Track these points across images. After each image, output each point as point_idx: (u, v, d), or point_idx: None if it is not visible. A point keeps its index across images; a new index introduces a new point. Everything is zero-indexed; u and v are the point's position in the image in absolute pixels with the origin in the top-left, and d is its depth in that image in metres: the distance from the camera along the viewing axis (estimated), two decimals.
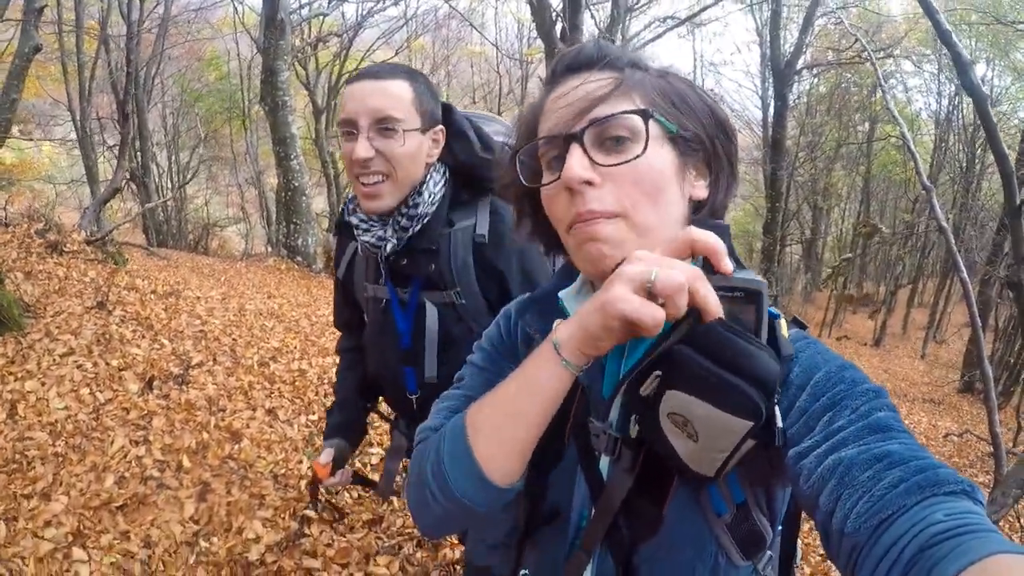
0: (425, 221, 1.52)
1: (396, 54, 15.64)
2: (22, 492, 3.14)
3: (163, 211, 14.64)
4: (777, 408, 0.71)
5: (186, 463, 3.64)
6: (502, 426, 0.83)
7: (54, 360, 4.39)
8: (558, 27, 7.80)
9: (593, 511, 0.88)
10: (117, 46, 10.54)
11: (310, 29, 13.34)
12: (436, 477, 0.85)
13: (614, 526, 0.86)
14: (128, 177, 10.22)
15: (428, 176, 1.54)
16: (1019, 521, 5.31)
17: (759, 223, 19.11)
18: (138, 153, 11.15)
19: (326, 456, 1.75)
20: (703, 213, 0.88)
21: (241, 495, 3.41)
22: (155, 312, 5.73)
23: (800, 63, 15.07)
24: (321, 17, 13.11)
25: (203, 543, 3.04)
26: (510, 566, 1.05)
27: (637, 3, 11.84)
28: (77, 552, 2.83)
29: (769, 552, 0.88)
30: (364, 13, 13.20)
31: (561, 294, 0.95)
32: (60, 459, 3.45)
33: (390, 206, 1.50)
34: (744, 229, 26.13)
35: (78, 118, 11.89)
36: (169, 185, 18.12)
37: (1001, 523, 4.16)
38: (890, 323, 20.55)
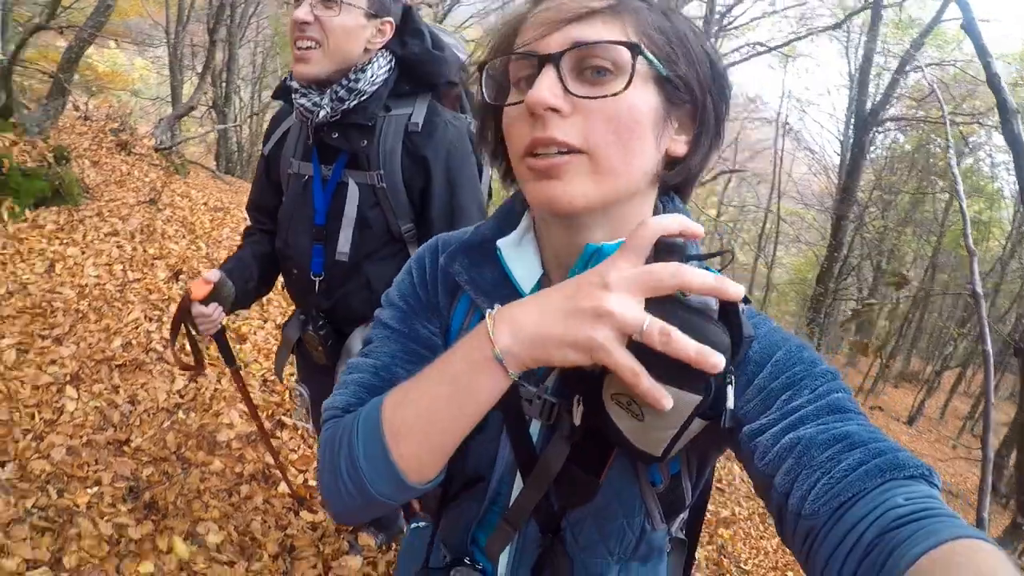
0: (363, 98, 1.58)
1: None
2: (39, 332, 3.52)
3: (236, 140, 15.27)
4: (731, 388, 0.66)
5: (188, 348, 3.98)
6: (427, 432, 0.73)
7: (98, 236, 4.81)
8: None
9: (524, 481, 0.83)
10: None
11: None
12: (351, 477, 0.76)
13: (543, 495, 0.82)
14: (211, 104, 10.75)
15: (373, 60, 1.60)
16: None
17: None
18: (223, 83, 11.65)
19: (212, 274, 1.73)
20: (675, 173, 0.79)
21: (229, 386, 3.73)
22: (200, 220, 6.14)
23: (886, 114, 14.75)
24: None
25: (181, 414, 3.36)
26: (426, 540, 1.02)
27: (730, 23, 11.83)
28: (70, 390, 3.17)
29: (683, 515, 0.90)
30: None
31: (500, 243, 0.86)
32: (79, 315, 3.83)
33: (316, 74, 1.56)
34: (803, 276, 25.62)
35: (172, 41, 12.41)
36: (248, 116, 18.80)
37: None
38: (928, 404, 19.93)
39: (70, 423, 2.97)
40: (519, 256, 0.85)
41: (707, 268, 0.72)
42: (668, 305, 0.63)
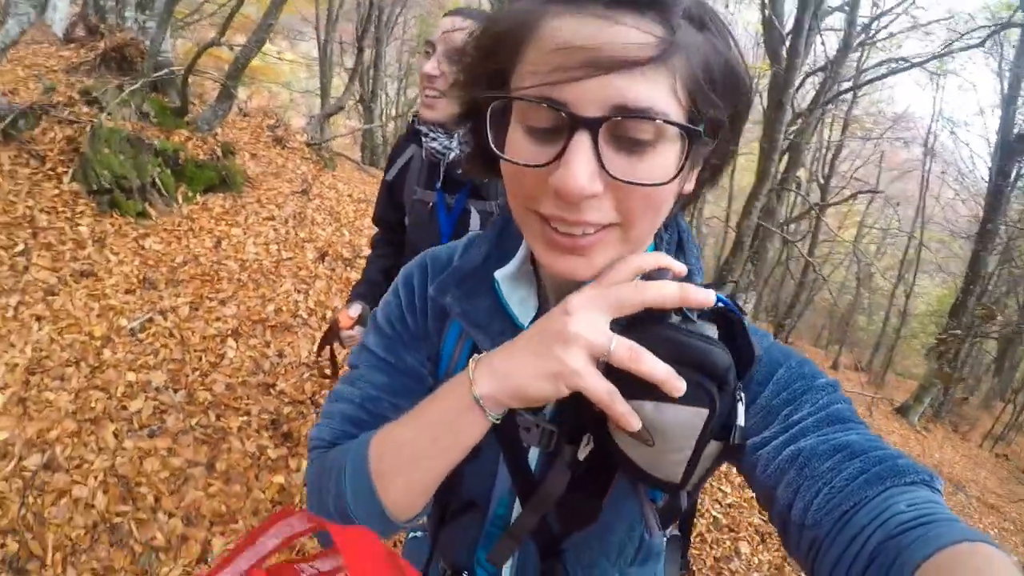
0: None
1: None
2: (207, 295, 4.19)
3: (382, 135, 16.24)
4: (740, 406, 0.66)
5: (329, 317, 4.54)
6: (412, 474, 0.72)
7: (258, 220, 5.52)
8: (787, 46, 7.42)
9: (522, 506, 0.81)
10: None
11: None
12: (339, 511, 0.75)
13: (542, 519, 0.80)
14: (357, 99, 11.55)
15: None
16: None
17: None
18: (370, 80, 12.36)
19: (354, 309, 1.94)
20: (678, 208, 0.75)
21: None
22: (345, 210, 6.81)
23: None
24: None
25: (316, 370, 3.88)
26: (424, 554, 1.02)
27: (871, 37, 11.25)
28: (230, 342, 3.80)
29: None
30: None
31: (499, 275, 0.80)
32: (240, 283, 4.48)
33: (440, 119, 1.71)
34: (944, 308, 22.59)
35: (322, 39, 13.15)
36: (393, 114, 19.82)
37: None
38: None
39: (229, 367, 3.58)
40: (516, 288, 0.80)
41: (720, 299, 0.68)
42: (659, 328, 0.64)
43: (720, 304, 0.67)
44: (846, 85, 11.34)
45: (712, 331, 0.65)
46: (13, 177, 4.28)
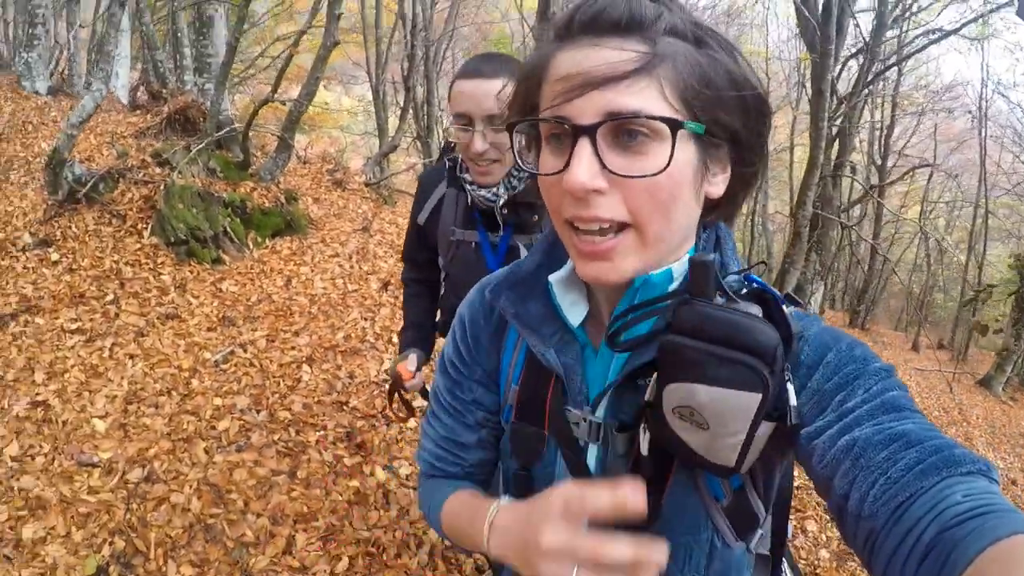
0: (526, 179, 1.72)
1: None
2: (282, 328, 4.50)
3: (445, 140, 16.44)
4: (791, 385, 0.68)
5: (395, 340, 4.78)
6: (463, 541, 0.88)
7: (323, 258, 5.85)
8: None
9: None
10: (413, 24, 12.06)
11: None
12: (441, 535, 0.97)
13: None
14: (414, 136, 11.96)
15: None
16: None
17: None
18: (425, 116, 12.74)
19: (412, 363, 1.94)
20: (715, 216, 0.81)
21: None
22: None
23: None
24: None
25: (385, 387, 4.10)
26: None
27: (905, 12, 11.01)
28: (305, 367, 4.08)
29: (760, 531, 0.86)
30: None
31: (552, 279, 0.86)
32: (311, 316, 4.79)
33: (497, 181, 1.71)
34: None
35: (374, 82, 13.41)
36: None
37: None
38: None
39: (305, 388, 3.85)
40: (568, 292, 0.85)
41: (755, 280, 0.73)
42: (710, 308, 0.67)
43: (755, 284, 0.72)
44: (886, 65, 11.08)
45: (756, 310, 0.68)
46: (98, 235, 4.73)
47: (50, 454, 3.00)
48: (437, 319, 2.15)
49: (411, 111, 10.67)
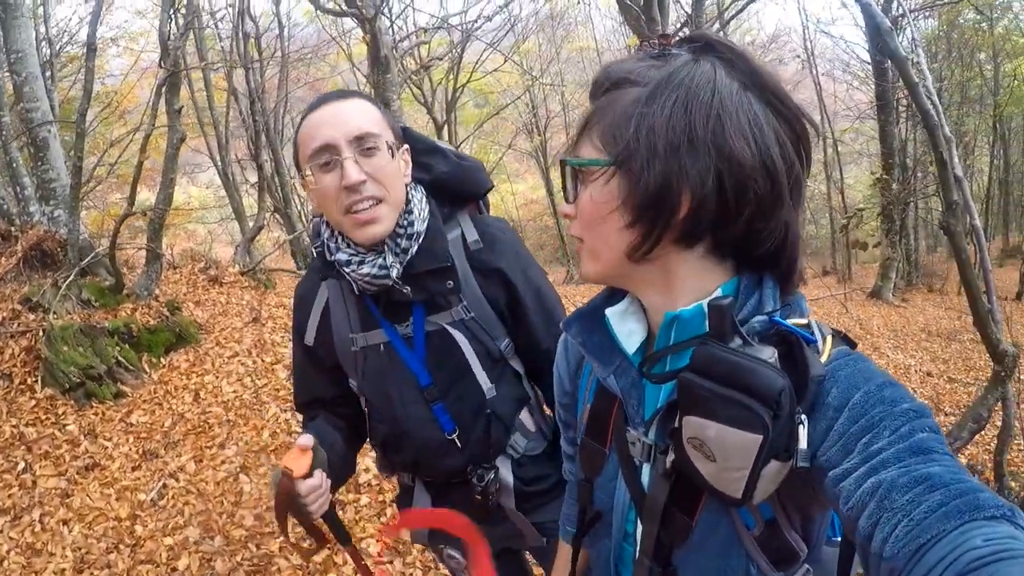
0: (421, 240, 1.41)
1: (505, 61, 15.95)
2: (205, 445, 4.43)
3: (306, 234, 16.31)
4: (803, 428, 0.70)
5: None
6: None
7: (224, 360, 5.76)
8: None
9: (640, 517, 0.93)
10: (246, 96, 11.42)
11: (419, 54, 14.21)
12: None
13: (657, 537, 0.91)
14: (272, 210, 11.72)
15: (410, 194, 1.43)
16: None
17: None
18: (278, 188, 12.45)
19: (305, 440, 1.33)
20: (732, 241, 0.82)
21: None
22: None
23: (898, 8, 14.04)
24: (426, 43, 13.96)
25: None
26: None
27: None
28: (243, 478, 4.04)
29: (807, 566, 0.88)
30: (469, 29, 13.78)
31: (609, 312, 0.95)
32: (231, 423, 4.73)
33: (389, 230, 1.37)
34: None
35: (220, 165, 13.09)
36: (310, 211, 19.93)
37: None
38: None
39: (250, 499, 3.84)
40: (624, 321, 0.94)
41: (781, 323, 0.78)
42: (720, 350, 0.73)
43: (780, 326, 0.77)
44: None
45: (768, 353, 0.72)
46: None
47: None
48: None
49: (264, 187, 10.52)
